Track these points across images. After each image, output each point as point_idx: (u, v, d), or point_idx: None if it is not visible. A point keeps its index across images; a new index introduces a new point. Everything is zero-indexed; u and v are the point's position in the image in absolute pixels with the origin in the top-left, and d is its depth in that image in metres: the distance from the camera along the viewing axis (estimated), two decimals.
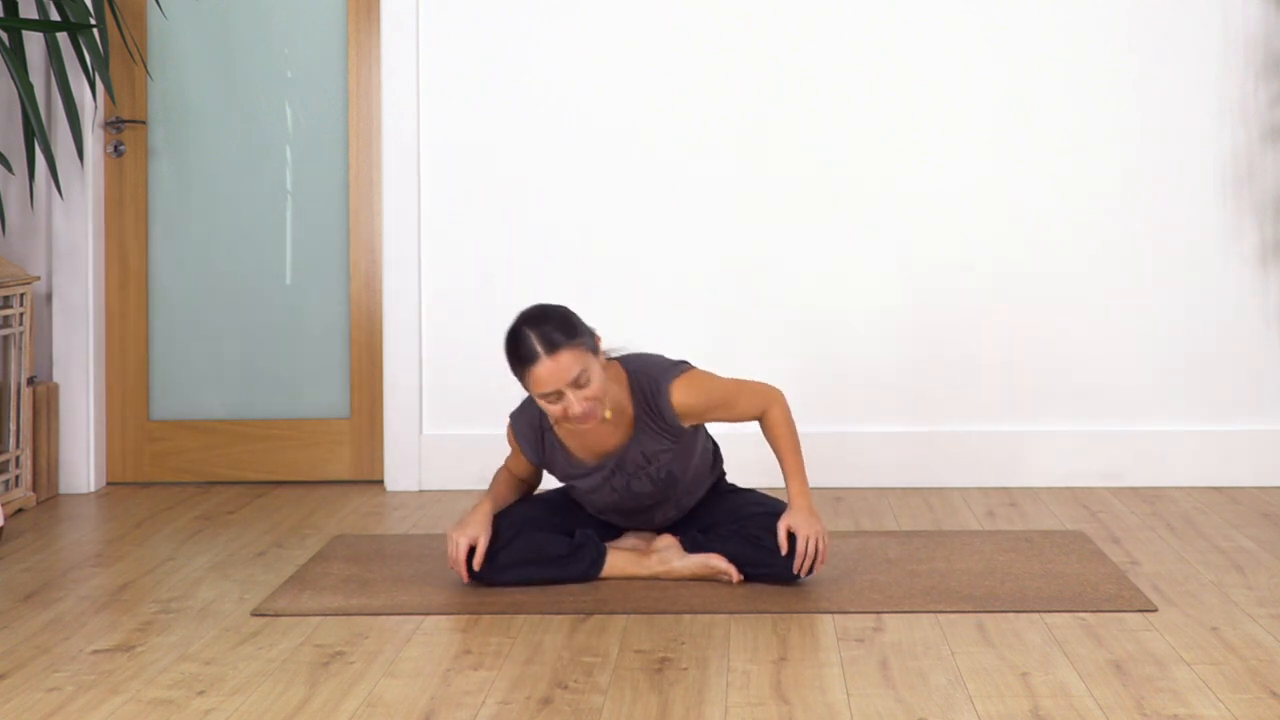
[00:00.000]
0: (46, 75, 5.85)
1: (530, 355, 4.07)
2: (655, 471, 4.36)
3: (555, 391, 4.08)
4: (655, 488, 4.39)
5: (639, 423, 4.31)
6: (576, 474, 4.39)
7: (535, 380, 4.08)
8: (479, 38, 5.92)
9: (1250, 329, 5.87)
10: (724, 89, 5.89)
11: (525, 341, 4.08)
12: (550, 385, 4.07)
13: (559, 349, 4.06)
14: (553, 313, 4.14)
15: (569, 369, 4.06)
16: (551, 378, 4.07)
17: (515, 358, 4.09)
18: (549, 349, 4.06)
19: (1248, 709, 3.37)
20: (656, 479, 4.37)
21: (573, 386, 4.08)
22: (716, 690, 3.52)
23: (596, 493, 4.41)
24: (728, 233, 5.89)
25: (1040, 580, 4.44)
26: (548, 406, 4.12)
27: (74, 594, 4.41)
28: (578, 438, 4.34)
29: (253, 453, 6.06)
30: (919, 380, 5.90)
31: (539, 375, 4.07)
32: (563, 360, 4.06)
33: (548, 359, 4.06)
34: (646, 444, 4.32)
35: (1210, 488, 5.83)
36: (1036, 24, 5.86)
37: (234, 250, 6.05)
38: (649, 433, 4.31)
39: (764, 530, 4.41)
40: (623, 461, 4.34)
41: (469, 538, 4.35)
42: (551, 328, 4.08)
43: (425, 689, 3.55)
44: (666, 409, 4.27)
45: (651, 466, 4.35)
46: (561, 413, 4.11)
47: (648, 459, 4.34)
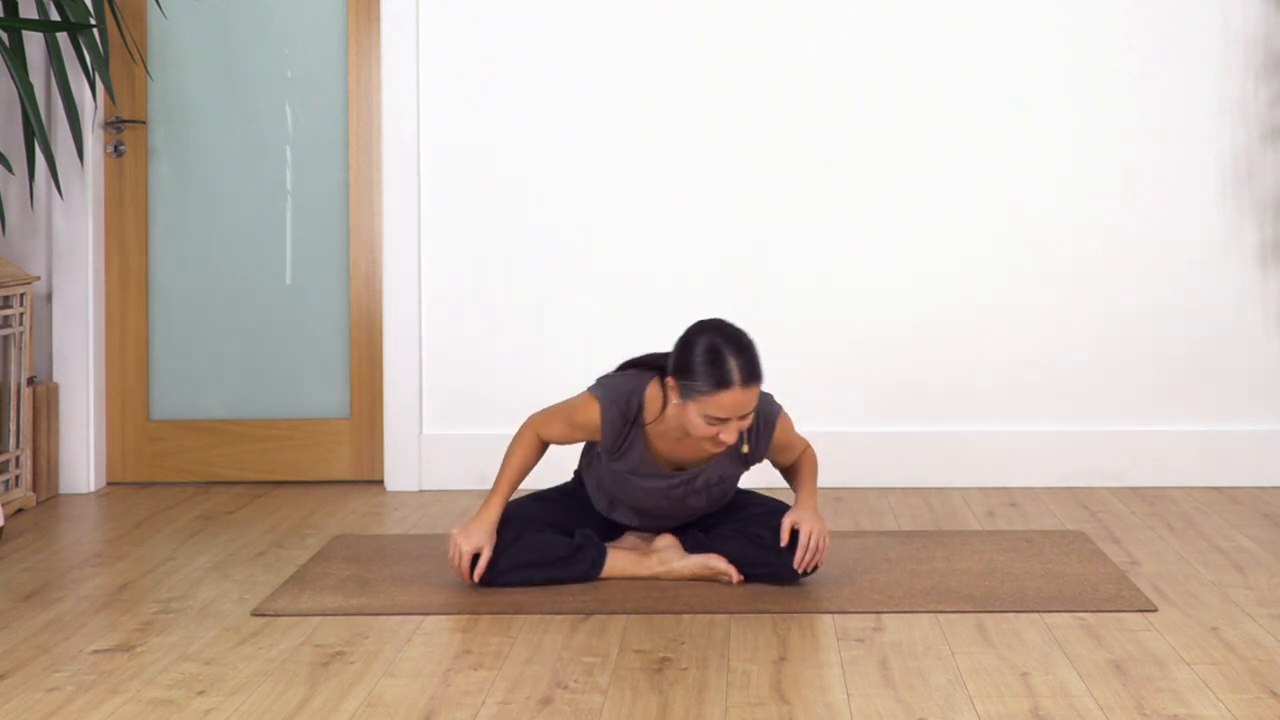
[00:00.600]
0: (46, 75, 5.85)
1: (728, 380, 4.03)
2: (718, 493, 4.39)
3: (724, 419, 4.07)
4: (706, 505, 4.42)
5: (734, 445, 4.29)
6: (643, 473, 4.35)
7: (718, 404, 4.04)
8: (479, 38, 5.92)
9: (1250, 329, 5.87)
10: (724, 89, 5.89)
11: (727, 364, 4.03)
12: (728, 414, 4.05)
13: (753, 384, 4.04)
14: (749, 343, 4.10)
15: (750, 405, 4.06)
16: (735, 408, 4.05)
17: (708, 375, 4.04)
18: (746, 381, 4.04)
19: (1248, 709, 3.37)
20: (713, 498, 4.40)
21: (739, 421, 4.08)
22: (716, 690, 3.52)
23: (650, 495, 4.37)
24: (728, 233, 5.89)
25: (1040, 580, 4.44)
26: (703, 426, 4.07)
27: (74, 594, 4.41)
28: (668, 446, 4.30)
29: (253, 453, 6.06)
30: (919, 380, 5.90)
31: (726, 402, 4.04)
32: (750, 395, 4.05)
33: (742, 390, 4.03)
34: (726, 467, 4.34)
35: (1210, 488, 5.83)
36: (1036, 24, 5.86)
37: (234, 250, 6.05)
38: (731, 460, 4.33)
39: (765, 529, 4.41)
40: (694, 478, 4.34)
41: (473, 546, 4.34)
42: (751, 359, 4.05)
43: (425, 689, 3.55)
44: (767, 435, 4.28)
45: (717, 488, 4.37)
46: (712, 434, 4.08)
47: (719, 480, 4.36)
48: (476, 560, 4.37)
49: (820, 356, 5.89)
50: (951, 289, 5.89)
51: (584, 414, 4.29)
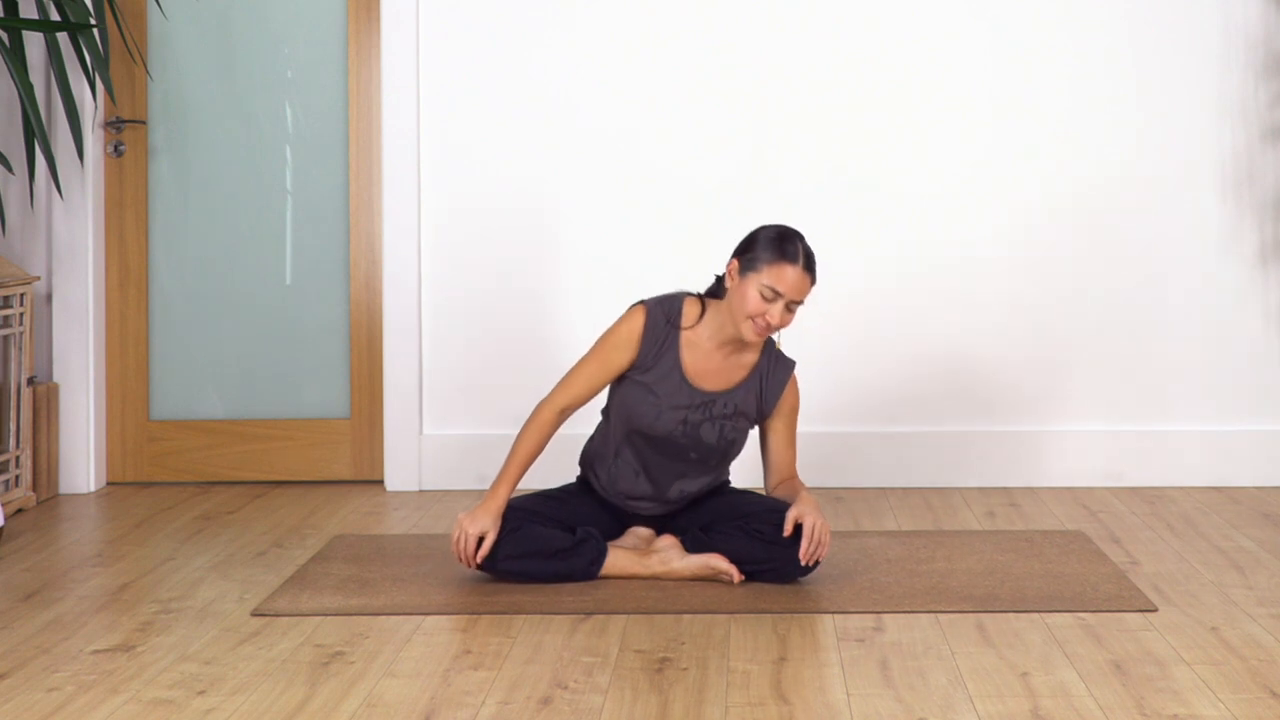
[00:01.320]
0: (46, 75, 5.85)
1: (793, 255, 4.33)
2: (727, 430, 4.47)
3: (778, 293, 4.30)
4: (716, 444, 4.48)
5: (750, 378, 4.49)
6: (669, 388, 4.44)
7: (778, 275, 4.30)
8: (479, 38, 5.92)
9: (1250, 329, 5.87)
10: (726, 89, 5.89)
11: (794, 245, 4.34)
12: (783, 288, 4.30)
13: (809, 271, 4.35)
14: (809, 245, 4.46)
15: (803, 290, 4.34)
16: (791, 286, 4.31)
17: (776, 246, 4.32)
18: (807, 265, 4.35)
19: (1248, 709, 3.37)
20: (723, 435, 4.48)
21: (788, 304, 4.33)
22: (716, 690, 3.52)
23: (667, 417, 4.45)
24: (728, 233, 5.89)
25: (1040, 580, 4.44)
26: (756, 300, 4.31)
27: (74, 594, 4.41)
28: (698, 359, 4.47)
29: (253, 453, 6.06)
30: (919, 380, 5.90)
31: (787, 275, 4.31)
32: (806, 281, 4.34)
33: (803, 272, 4.33)
34: (741, 400, 4.48)
35: (1210, 488, 5.83)
36: (1036, 24, 5.86)
37: (234, 250, 6.05)
38: (750, 392, 4.49)
39: (767, 525, 4.41)
40: (714, 401, 4.47)
41: (479, 529, 4.37)
42: (814, 256, 4.42)
43: (425, 689, 3.55)
44: (780, 385, 4.49)
45: (728, 423, 4.47)
46: (762, 313, 4.31)
47: (733, 412, 4.47)
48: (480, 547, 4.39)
49: (820, 356, 5.89)
50: (951, 288, 5.89)
51: (628, 325, 4.46)
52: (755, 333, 4.34)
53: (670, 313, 4.46)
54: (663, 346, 4.45)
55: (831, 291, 5.89)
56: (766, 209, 5.88)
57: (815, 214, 5.89)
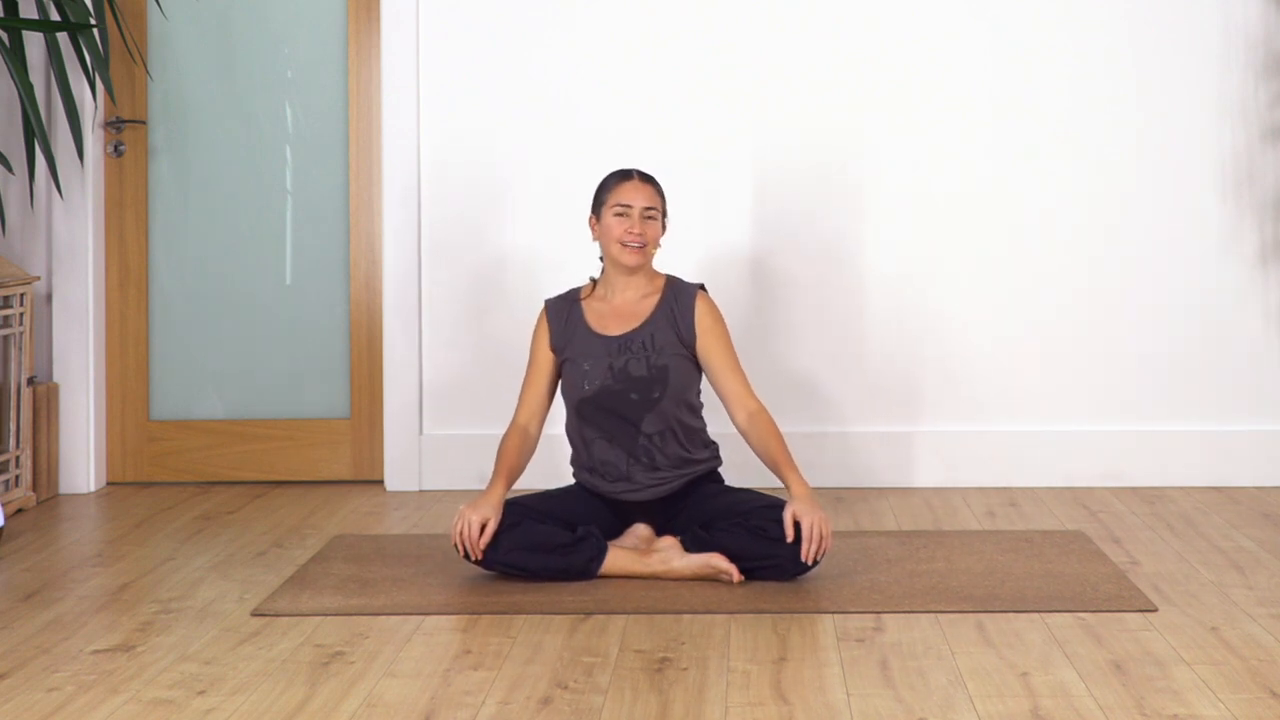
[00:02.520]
0: (46, 75, 5.85)
1: (627, 173, 4.68)
2: (654, 358, 4.59)
3: (628, 206, 4.61)
4: (649, 375, 4.57)
5: (659, 309, 4.65)
6: (585, 350, 4.62)
7: (620, 191, 4.64)
8: (479, 38, 5.92)
9: (1250, 329, 5.87)
10: (726, 88, 5.89)
11: (628, 170, 4.72)
12: (629, 199, 4.62)
13: (650, 182, 4.69)
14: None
15: (650, 198, 4.65)
16: (634, 195, 4.63)
17: (612, 175, 4.69)
18: (643, 178, 4.68)
19: (1248, 709, 3.37)
20: (653, 365, 4.59)
21: (643, 216, 4.62)
22: (716, 690, 3.52)
23: (594, 370, 4.59)
24: (728, 233, 5.89)
25: (1040, 580, 4.44)
26: (615, 221, 4.61)
27: (74, 594, 4.41)
28: (603, 315, 4.67)
29: (253, 453, 6.06)
30: (919, 380, 5.90)
31: (626, 188, 4.64)
32: (648, 190, 4.67)
33: (639, 181, 4.66)
34: (658, 331, 4.63)
35: (1210, 488, 5.83)
36: (1036, 24, 5.86)
37: (234, 250, 6.05)
38: (664, 324, 4.64)
39: (767, 521, 4.42)
40: (630, 339, 4.62)
41: (481, 516, 4.42)
42: (646, 173, 4.73)
43: (425, 689, 3.55)
44: (688, 308, 4.66)
45: (651, 352, 4.60)
46: (623, 230, 4.59)
47: (653, 344, 4.60)
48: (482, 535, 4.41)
49: (821, 356, 5.89)
50: (951, 289, 5.89)
51: (537, 323, 4.73)
52: (630, 256, 4.61)
53: (568, 295, 4.74)
54: (568, 319, 4.69)
55: (831, 291, 5.89)
56: (766, 209, 5.88)
57: (815, 214, 5.88)
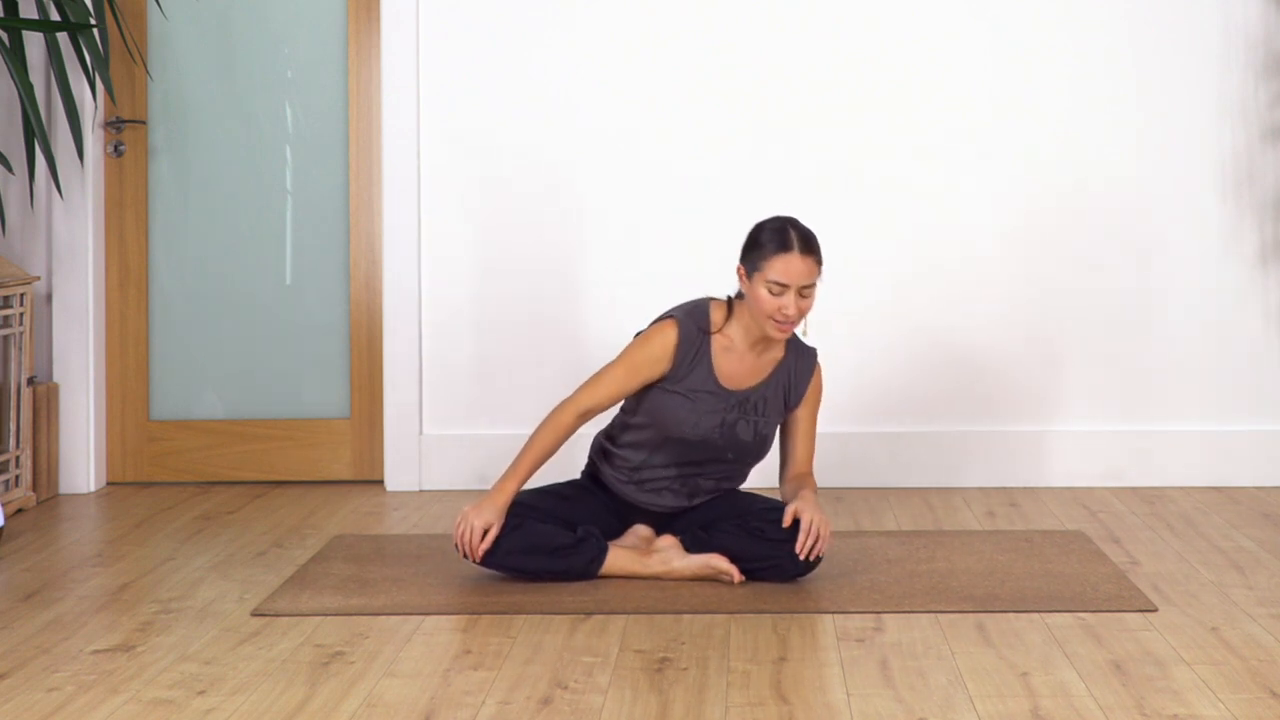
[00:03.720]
0: (46, 75, 5.85)
1: (788, 244, 4.34)
2: (761, 426, 4.49)
3: (784, 285, 4.32)
4: (750, 441, 4.50)
5: (779, 370, 4.51)
6: (705, 390, 4.45)
7: (779, 267, 4.32)
8: (479, 38, 5.92)
9: (1250, 329, 5.87)
10: (726, 87, 5.89)
11: (788, 233, 4.36)
12: (787, 278, 4.32)
13: (809, 254, 4.36)
14: (808, 228, 4.43)
15: (809, 274, 4.35)
16: (796, 274, 4.32)
17: (771, 241, 4.34)
18: (804, 249, 4.35)
19: (1248, 709, 3.37)
20: (757, 432, 4.50)
21: (798, 292, 4.33)
22: (716, 690, 3.52)
23: (703, 420, 4.45)
24: (729, 233, 5.89)
25: (1040, 580, 4.44)
26: (767, 298, 4.33)
27: (74, 594, 4.41)
28: (729, 361, 4.47)
29: (253, 453, 6.06)
30: (919, 380, 5.90)
31: (787, 264, 4.32)
32: (810, 264, 4.35)
33: (800, 256, 4.34)
34: (771, 394, 4.51)
35: (1210, 488, 5.83)
36: (1036, 24, 5.86)
37: (234, 250, 6.05)
38: (778, 385, 4.51)
39: (766, 523, 4.42)
40: (749, 398, 4.49)
41: (484, 522, 4.39)
42: (809, 236, 4.39)
43: (425, 689, 3.55)
44: (806, 377, 4.53)
45: (761, 418, 4.49)
46: (778, 308, 4.33)
47: (765, 408, 4.50)
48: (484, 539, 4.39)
49: (821, 356, 5.89)
50: (951, 288, 5.89)
51: (657, 340, 4.45)
52: (779, 330, 4.35)
53: (702, 321, 4.47)
54: (696, 355, 4.45)
55: (831, 291, 5.89)
56: (766, 209, 5.88)
57: (815, 215, 5.88)
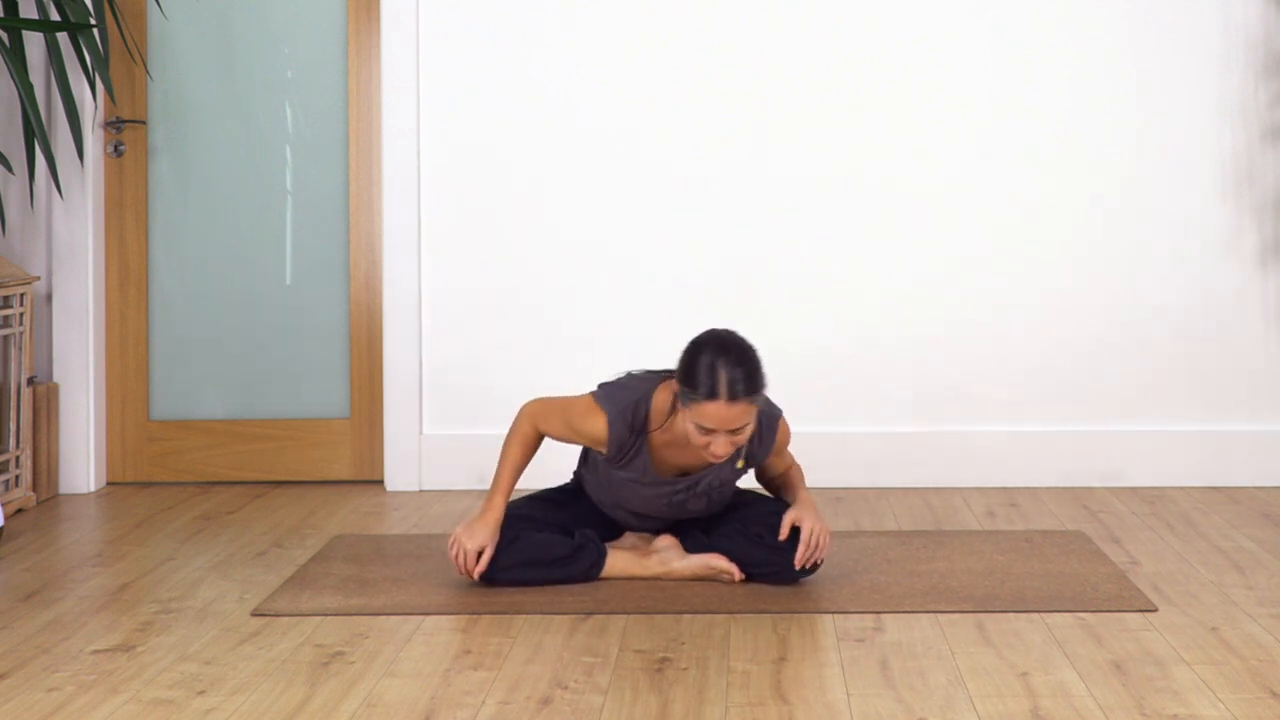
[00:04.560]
0: (46, 75, 5.85)
1: (713, 392, 4.06)
2: (718, 495, 4.40)
3: (711, 431, 4.10)
4: (705, 508, 4.43)
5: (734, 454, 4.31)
6: (645, 481, 4.35)
7: (705, 414, 4.07)
8: (479, 38, 5.92)
9: (1250, 329, 5.87)
10: (726, 88, 5.89)
11: (715, 376, 4.07)
12: (714, 425, 4.08)
13: (739, 400, 4.07)
14: (749, 357, 4.11)
15: (738, 420, 4.09)
16: (722, 421, 4.07)
17: (698, 384, 4.07)
18: (732, 396, 4.06)
19: (1248, 709, 3.37)
20: (713, 502, 4.41)
21: (729, 433, 4.11)
22: (716, 690, 3.52)
23: (650, 501, 4.39)
24: (728, 233, 5.89)
25: (1040, 580, 4.44)
26: (697, 434, 4.11)
27: (74, 594, 4.41)
28: (673, 453, 4.32)
29: (253, 453, 6.06)
30: (919, 380, 5.90)
31: (712, 413, 4.06)
32: (737, 411, 4.07)
33: (726, 405, 4.07)
34: (727, 472, 4.36)
35: (1210, 488, 5.83)
36: (1036, 24, 5.86)
37: (234, 250, 6.05)
38: (733, 463, 4.33)
39: (765, 528, 4.41)
40: (697, 483, 4.36)
41: (477, 545, 4.35)
42: (744, 375, 4.07)
43: (425, 689, 3.55)
44: (769, 441, 4.33)
45: (716, 491, 4.38)
46: (704, 445, 4.12)
47: (721, 483, 4.37)
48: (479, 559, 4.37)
49: (821, 356, 5.89)
50: (951, 289, 5.89)
51: (589, 424, 4.29)
52: (711, 459, 4.14)
53: (635, 421, 4.26)
54: (633, 450, 4.30)
55: (831, 291, 5.89)
56: (766, 209, 5.88)
57: (815, 214, 5.89)
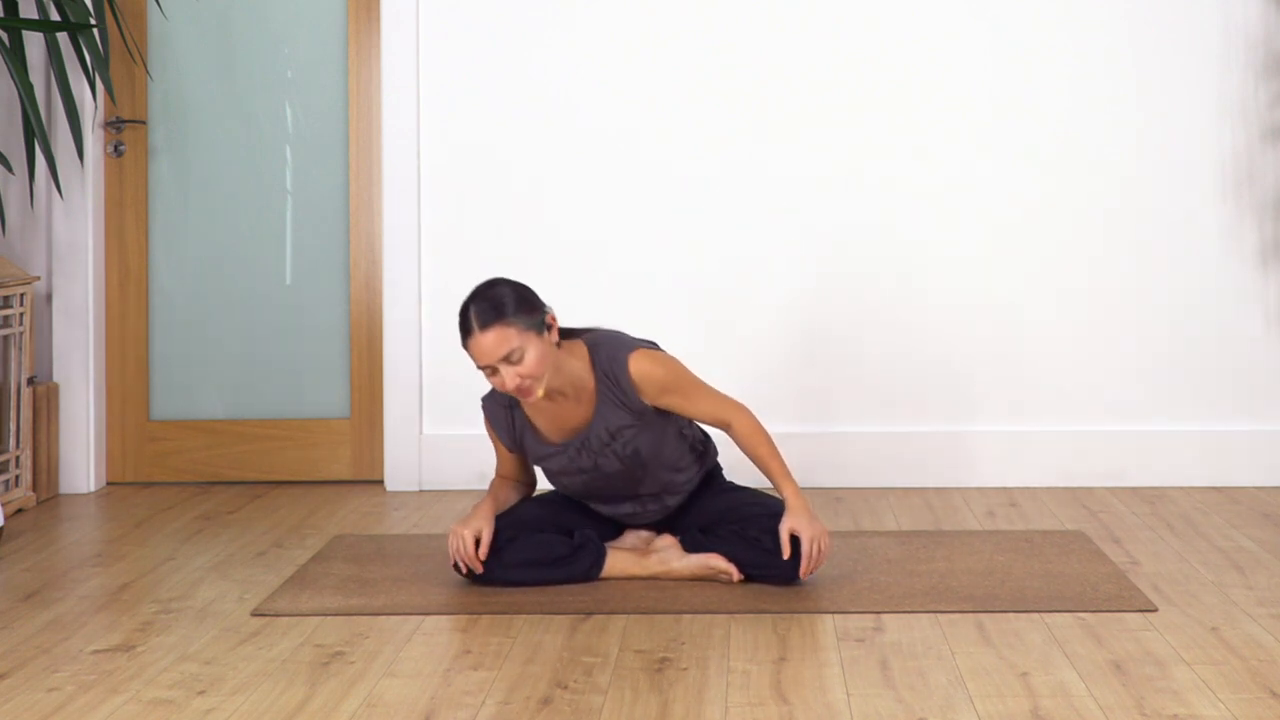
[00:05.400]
0: (46, 75, 5.85)
1: (465, 329, 4.23)
2: (620, 448, 4.37)
3: (489, 366, 4.21)
4: (624, 466, 4.39)
5: (600, 397, 4.35)
6: (545, 454, 4.43)
7: (473, 354, 4.22)
8: (479, 38, 5.92)
9: (1250, 329, 5.87)
10: (726, 88, 5.89)
11: (464, 316, 4.24)
12: (480, 359, 4.21)
13: (489, 327, 4.19)
14: (494, 290, 4.24)
15: (498, 346, 4.19)
16: (480, 353, 4.20)
17: (460, 329, 4.24)
18: (481, 325, 4.20)
19: (1248, 709, 3.37)
20: (623, 455, 4.38)
21: (505, 362, 4.20)
22: (716, 690, 3.52)
23: (567, 474, 4.43)
24: (728, 233, 5.89)
25: (1040, 580, 4.44)
26: (488, 378, 4.25)
27: (74, 594, 4.41)
28: (543, 416, 4.41)
29: (253, 453, 6.06)
30: (919, 380, 5.90)
31: (474, 349, 4.21)
32: (490, 337, 4.19)
33: (479, 334, 4.20)
34: (610, 419, 4.35)
35: (1210, 488, 5.83)
36: (1037, 24, 5.86)
37: (234, 250, 6.05)
38: (611, 407, 4.35)
39: (764, 532, 4.40)
40: (587, 439, 4.37)
41: (473, 530, 4.37)
42: (487, 305, 4.21)
43: (425, 689, 3.55)
44: (624, 380, 4.33)
45: (616, 443, 4.37)
46: (500, 385, 4.23)
47: (612, 435, 4.36)
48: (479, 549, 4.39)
49: (821, 356, 5.89)
50: (952, 289, 5.89)
51: (486, 424, 4.50)
52: (527, 398, 4.24)
53: (501, 397, 4.45)
54: (514, 425, 4.45)
55: (831, 291, 5.89)
56: (766, 209, 5.88)
57: (815, 214, 5.89)
